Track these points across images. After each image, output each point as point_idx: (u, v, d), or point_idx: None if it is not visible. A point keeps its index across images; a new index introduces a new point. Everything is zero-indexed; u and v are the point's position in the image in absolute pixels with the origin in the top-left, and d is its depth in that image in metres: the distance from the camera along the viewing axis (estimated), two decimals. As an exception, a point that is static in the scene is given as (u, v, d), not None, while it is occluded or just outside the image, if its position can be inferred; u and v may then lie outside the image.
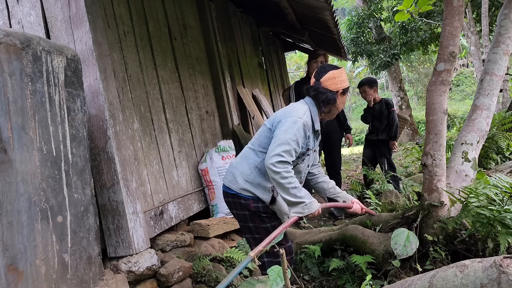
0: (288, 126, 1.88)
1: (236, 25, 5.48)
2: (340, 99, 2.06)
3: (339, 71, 2.06)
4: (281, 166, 1.83)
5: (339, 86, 2.02)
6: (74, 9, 2.28)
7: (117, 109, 2.40)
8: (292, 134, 1.86)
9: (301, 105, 2.05)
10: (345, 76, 2.06)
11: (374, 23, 10.89)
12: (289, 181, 1.85)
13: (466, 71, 25.11)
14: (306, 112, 1.99)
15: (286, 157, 1.84)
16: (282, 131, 1.88)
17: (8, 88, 1.69)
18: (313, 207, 1.92)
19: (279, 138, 1.87)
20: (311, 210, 1.91)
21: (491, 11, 9.16)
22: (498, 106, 8.50)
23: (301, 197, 1.88)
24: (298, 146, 1.89)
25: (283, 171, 1.83)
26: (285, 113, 1.98)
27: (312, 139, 2.05)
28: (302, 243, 2.88)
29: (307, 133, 1.94)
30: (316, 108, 2.06)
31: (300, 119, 1.91)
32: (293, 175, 1.88)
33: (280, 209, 2.02)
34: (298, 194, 1.88)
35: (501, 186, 2.14)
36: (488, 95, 2.65)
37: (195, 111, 3.72)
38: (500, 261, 1.24)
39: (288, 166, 1.86)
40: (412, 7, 3.66)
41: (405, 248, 1.96)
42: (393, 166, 4.43)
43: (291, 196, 1.87)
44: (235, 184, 2.03)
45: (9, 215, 1.64)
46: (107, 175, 2.30)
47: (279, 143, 1.85)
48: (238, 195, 2.02)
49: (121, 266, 2.25)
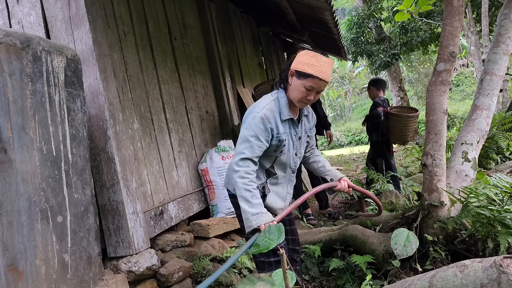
0: (248, 123, 1.85)
1: (236, 25, 5.48)
2: (293, 82, 1.85)
3: (306, 52, 1.86)
4: (242, 164, 1.79)
5: (294, 65, 1.85)
6: (74, 9, 2.28)
7: (117, 109, 2.40)
8: (251, 130, 1.82)
9: (267, 97, 1.95)
10: (310, 60, 1.80)
11: (374, 23, 10.89)
12: (245, 182, 1.76)
13: (466, 71, 25.10)
14: (269, 104, 1.88)
15: (246, 153, 1.80)
16: (243, 130, 1.86)
17: (8, 88, 1.69)
18: (261, 219, 1.71)
19: (240, 137, 1.86)
20: (258, 221, 1.71)
21: (491, 11, 9.16)
22: (498, 106, 8.50)
23: (251, 204, 1.73)
24: (259, 141, 1.82)
25: (243, 170, 1.78)
26: (249, 110, 1.93)
27: (289, 128, 1.93)
28: (302, 243, 2.88)
29: (268, 126, 1.83)
30: (285, 94, 1.93)
31: (258, 114, 1.84)
32: (253, 178, 1.79)
33: (272, 206, 1.98)
34: (249, 199, 1.74)
35: (501, 186, 2.14)
36: (488, 95, 2.65)
37: (195, 111, 3.72)
38: (500, 261, 1.24)
39: (251, 164, 1.80)
40: (412, 7, 3.66)
41: (405, 248, 1.96)
42: (392, 167, 4.40)
43: (242, 200, 1.75)
44: (230, 185, 2.01)
45: (9, 215, 1.64)
46: (107, 175, 2.29)
47: (240, 141, 1.84)
48: (235, 195, 1.95)
49: (121, 266, 2.24)
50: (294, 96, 1.87)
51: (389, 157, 4.45)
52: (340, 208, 4.68)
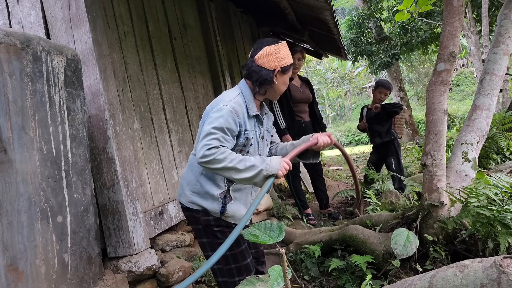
0: (214, 118, 1.64)
1: (236, 25, 5.48)
2: (279, 79, 1.77)
3: (277, 46, 1.76)
4: (209, 153, 1.57)
5: (276, 64, 1.73)
6: (74, 9, 2.28)
7: (117, 109, 2.40)
8: (216, 123, 1.62)
9: (230, 92, 1.80)
10: (285, 51, 1.76)
11: (374, 23, 10.89)
12: (230, 159, 1.58)
13: (466, 71, 25.11)
14: (236, 97, 1.73)
15: (213, 143, 1.59)
16: (207, 123, 1.65)
17: (8, 88, 1.69)
18: (273, 165, 1.61)
19: (203, 130, 1.64)
20: (274, 169, 1.61)
21: (491, 11, 9.16)
22: (498, 106, 8.51)
23: (254, 165, 1.60)
24: (225, 134, 1.64)
25: (215, 154, 1.57)
26: (212, 105, 1.74)
27: (254, 126, 1.80)
28: (302, 243, 2.88)
29: (237, 119, 1.67)
30: (250, 91, 1.80)
31: (225, 106, 1.66)
32: (229, 151, 1.61)
33: (234, 215, 1.80)
34: (248, 164, 1.59)
35: (501, 186, 2.14)
36: (488, 95, 2.65)
37: (195, 111, 3.72)
38: (500, 261, 1.24)
39: (218, 148, 1.59)
40: (412, 7, 3.67)
41: (405, 248, 1.96)
42: (402, 168, 4.36)
43: (244, 172, 1.59)
44: (184, 197, 1.83)
45: (9, 215, 1.64)
46: (107, 175, 2.29)
47: (204, 135, 1.62)
48: (189, 208, 1.82)
49: (121, 266, 2.25)
50: (280, 90, 1.82)
51: (400, 155, 4.41)
52: (340, 208, 4.68)
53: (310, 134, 1.90)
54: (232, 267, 1.81)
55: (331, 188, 5.47)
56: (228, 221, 1.81)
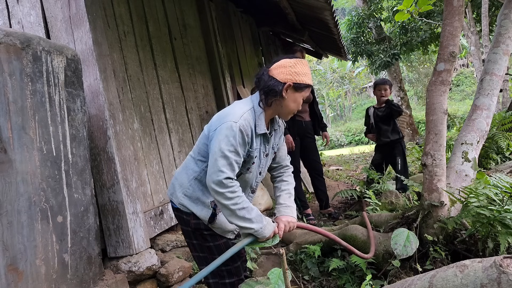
0: (223, 135, 1.58)
1: (236, 25, 5.48)
2: (290, 95, 1.66)
3: (295, 60, 1.67)
4: (223, 185, 1.55)
5: (288, 78, 1.64)
6: (74, 9, 2.28)
7: (117, 109, 2.40)
8: (229, 145, 1.57)
9: (242, 105, 1.70)
10: (303, 69, 1.66)
11: (374, 23, 10.90)
12: (235, 202, 1.56)
13: (466, 71, 25.11)
14: (246, 113, 1.64)
15: (227, 172, 1.56)
16: (217, 142, 1.59)
17: (8, 88, 1.69)
18: (265, 232, 1.62)
19: (215, 151, 1.58)
20: (263, 235, 1.61)
21: (491, 11, 9.17)
22: (498, 106, 8.51)
23: (251, 220, 1.59)
24: (238, 156, 1.60)
25: (227, 191, 1.55)
26: (220, 118, 1.66)
27: (260, 144, 1.73)
28: (302, 243, 2.88)
29: (246, 139, 1.61)
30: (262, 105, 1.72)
31: (235, 123, 1.58)
32: (239, 193, 1.59)
33: (222, 227, 1.77)
34: (247, 215, 1.59)
35: (501, 186, 2.14)
36: (488, 95, 2.66)
37: (195, 111, 3.72)
38: (500, 261, 1.24)
39: (232, 183, 1.58)
40: (412, 7, 3.67)
41: (405, 248, 1.96)
42: (407, 168, 4.34)
43: (239, 220, 1.58)
44: (175, 198, 1.79)
45: (9, 215, 1.64)
46: (107, 175, 2.29)
47: (216, 157, 1.57)
48: (180, 209, 1.79)
49: (121, 266, 2.25)
50: (290, 109, 1.70)
51: (405, 155, 4.42)
52: (340, 208, 4.68)
53: (290, 211, 1.82)
54: (226, 282, 1.83)
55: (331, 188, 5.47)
56: (214, 231, 1.78)
